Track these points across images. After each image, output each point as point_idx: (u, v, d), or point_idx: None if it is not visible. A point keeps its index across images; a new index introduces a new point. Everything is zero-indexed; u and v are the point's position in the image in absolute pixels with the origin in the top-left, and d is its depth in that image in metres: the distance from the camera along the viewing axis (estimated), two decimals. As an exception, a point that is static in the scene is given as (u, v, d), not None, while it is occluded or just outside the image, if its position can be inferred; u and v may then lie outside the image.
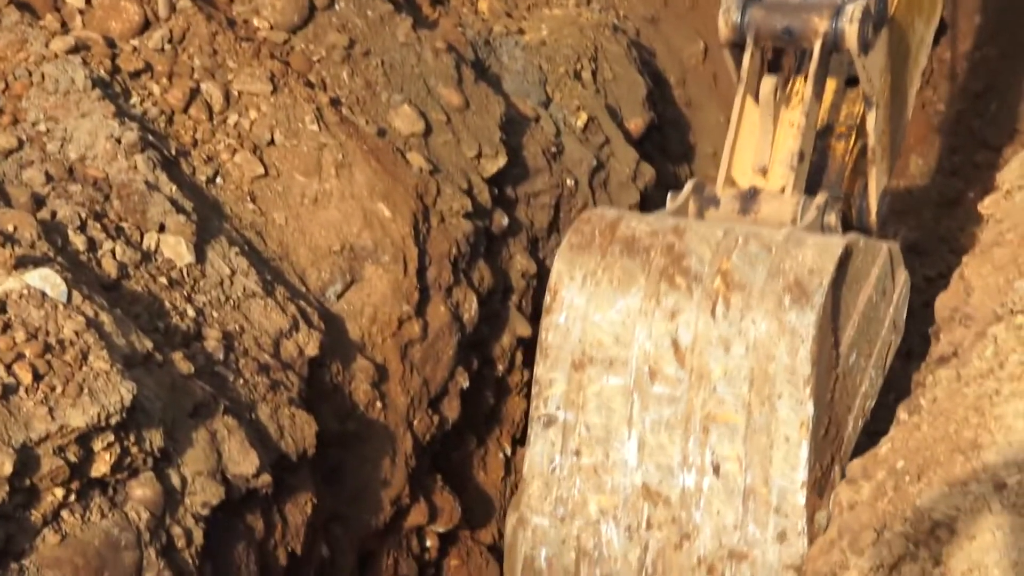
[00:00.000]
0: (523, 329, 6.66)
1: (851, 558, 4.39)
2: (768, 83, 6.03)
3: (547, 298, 5.60)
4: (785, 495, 5.28)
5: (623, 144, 7.32)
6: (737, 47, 6.11)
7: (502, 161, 6.46)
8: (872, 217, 6.59)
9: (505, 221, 6.56)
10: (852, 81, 6.34)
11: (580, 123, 7.07)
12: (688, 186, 6.12)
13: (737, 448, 5.33)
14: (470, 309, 6.16)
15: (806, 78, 6.08)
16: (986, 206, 6.46)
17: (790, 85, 6.30)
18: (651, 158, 7.50)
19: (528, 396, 6.87)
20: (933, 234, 10.56)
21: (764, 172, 6.12)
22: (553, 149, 6.90)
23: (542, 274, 6.77)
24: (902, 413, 5.41)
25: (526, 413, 6.88)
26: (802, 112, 6.06)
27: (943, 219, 10.80)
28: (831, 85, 6.38)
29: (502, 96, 6.69)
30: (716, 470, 5.34)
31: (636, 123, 7.49)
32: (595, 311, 5.49)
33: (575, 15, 7.54)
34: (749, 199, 6.05)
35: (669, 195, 6.20)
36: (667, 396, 5.40)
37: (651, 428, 5.41)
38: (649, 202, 7.36)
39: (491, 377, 6.59)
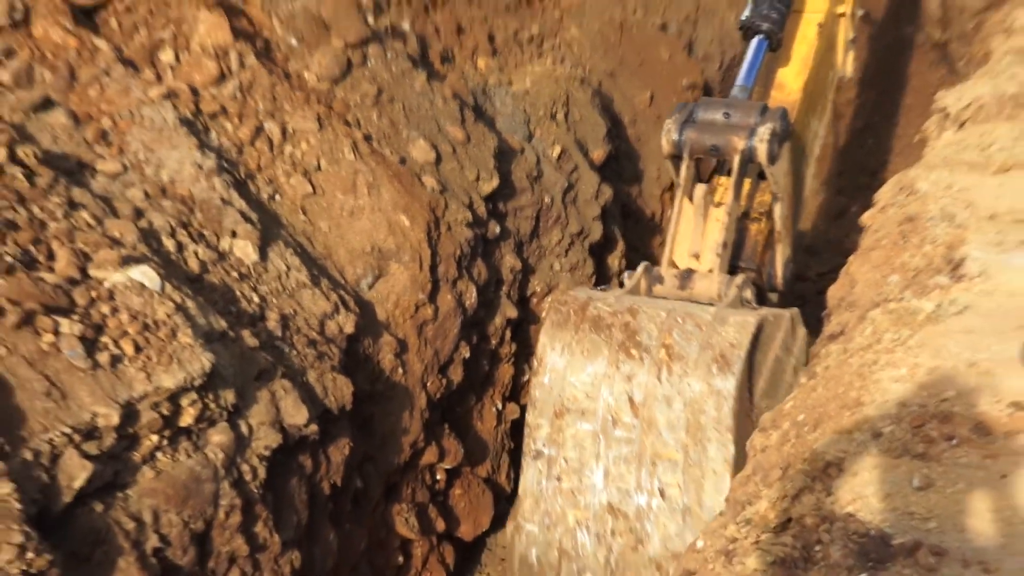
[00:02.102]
0: (511, 312, 6.65)
1: (762, 490, 4.39)
2: (700, 190, 6.20)
3: (535, 362, 5.86)
4: (713, 512, 5.33)
5: (588, 170, 7.31)
6: (676, 158, 6.21)
7: (495, 183, 6.46)
8: (779, 281, 6.82)
9: (498, 229, 6.56)
10: (763, 175, 6.38)
11: (555, 154, 7.06)
12: (640, 268, 6.20)
13: (677, 478, 5.54)
14: (471, 297, 6.16)
15: (729, 173, 6.23)
16: (865, 218, 6.46)
17: (715, 182, 6.40)
18: (609, 180, 7.50)
19: (515, 365, 6.89)
20: (824, 239, 10.58)
21: (697, 257, 6.27)
22: (534, 173, 6.89)
23: (526, 270, 6.79)
24: (802, 378, 5.42)
25: (514, 377, 6.91)
26: (725, 212, 6.20)
27: (832, 228, 10.83)
28: (747, 182, 6.45)
29: (495, 133, 6.68)
30: (662, 493, 5.56)
31: (598, 153, 7.47)
32: (571, 374, 5.70)
33: (552, 70, 7.52)
34: (686, 278, 6.17)
35: (627, 273, 6.31)
36: (625, 438, 5.62)
37: (613, 461, 5.64)
38: (608, 214, 7.37)
39: (486, 349, 6.59)
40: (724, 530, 4.28)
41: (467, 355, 6.23)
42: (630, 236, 7.85)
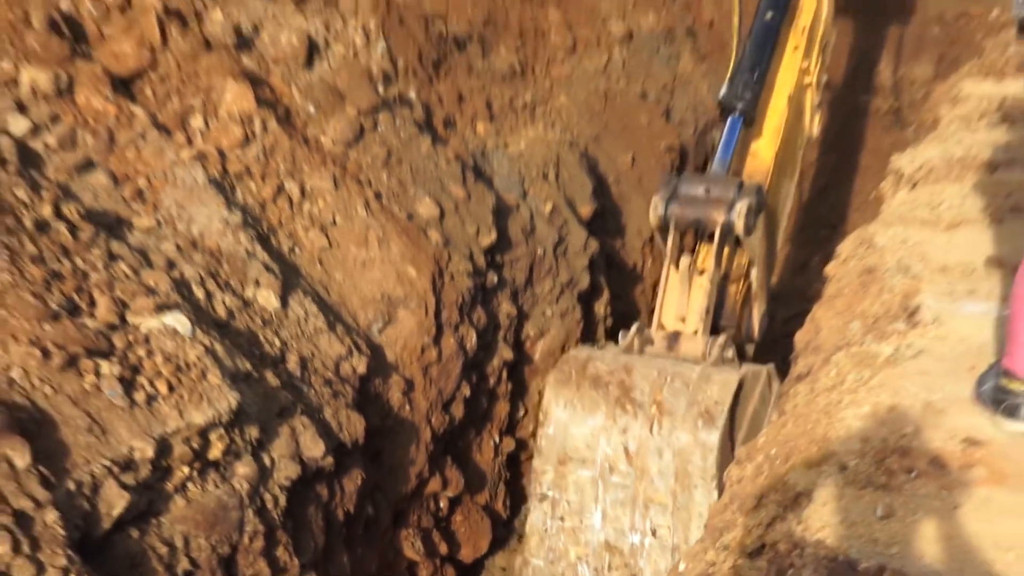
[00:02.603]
0: (507, 354, 6.66)
1: (739, 517, 4.39)
2: (685, 260, 6.31)
3: (541, 415, 5.99)
4: None
5: (576, 225, 7.33)
6: (663, 230, 6.30)
7: (493, 237, 6.48)
8: (756, 334, 6.91)
9: (495, 279, 6.57)
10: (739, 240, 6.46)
11: (547, 210, 7.09)
12: (633, 329, 6.29)
13: (667, 520, 5.66)
14: (471, 340, 6.17)
15: (711, 239, 6.30)
16: (829, 269, 6.49)
17: (699, 249, 6.48)
18: (596, 234, 7.52)
19: (511, 402, 6.90)
20: (791, 287, 10.60)
21: (683, 319, 6.35)
22: (528, 228, 6.92)
23: (521, 316, 6.80)
24: (774, 415, 5.44)
25: (510, 414, 6.91)
26: (708, 279, 6.30)
27: (797, 277, 10.86)
28: (727, 249, 6.53)
29: (493, 191, 6.71)
30: (654, 533, 5.68)
31: (585, 210, 7.50)
32: (573, 426, 5.83)
33: (543, 134, 7.57)
34: (673, 339, 6.25)
35: (620, 333, 6.39)
36: (621, 484, 5.74)
37: (611, 504, 5.75)
38: (595, 265, 7.40)
39: (485, 388, 6.58)
40: (704, 555, 4.29)
41: (468, 394, 6.23)
42: (614, 285, 7.87)
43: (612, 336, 7.46)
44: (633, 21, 9.48)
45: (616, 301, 7.92)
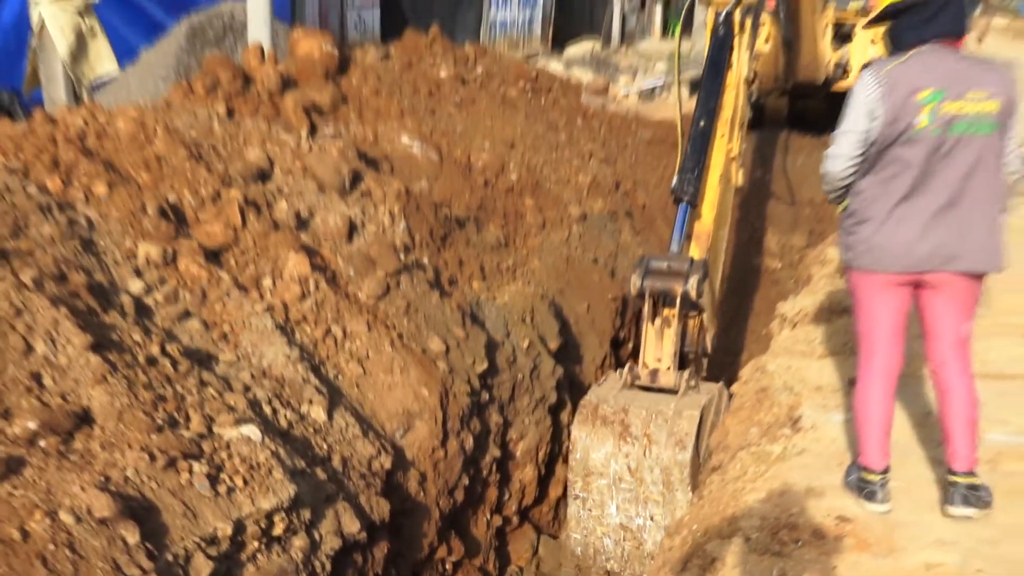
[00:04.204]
0: (496, 453, 6.58)
1: (671, 577, 4.38)
2: (658, 321, 6.49)
3: (570, 443, 6.31)
4: None
5: (547, 356, 7.36)
6: (640, 298, 6.45)
7: (485, 365, 6.48)
8: (709, 350, 7.06)
9: (487, 397, 6.55)
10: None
11: (525, 345, 7.12)
12: (626, 368, 6.54)
13: (659, 510, 6.01)
14: (469, 443, 6.14)
15: (673, 305, 6.45)
16: (734, 388, 6.55)
17: (664, 310, 6.57)
18: (561, 363, 7.53)
19: (499, 488, 6.84)
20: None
21: (659, 360, 6.50)
22: (511, 359, 6.94)
23: (506, 424, 6.77)
24: (695, 499, 5.42)
25: (498, 497, 6.85)
26: (674, 331, 6.46)
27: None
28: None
29: (485, 331, 6.74)
30: (652, 518, 6.03)
31: (553, 344, 7.53)
32: (592, 452, 6.11)
33: (522, 289, 7.65)
34: (654, 375, 6.45)
35: (616, 370, 6.77)
36: (627, 488, 6.05)
37: (621, 501, 6.08)
38: (560, 385, 7.41)
39: (479, 478, 6.52)
40: (645, 606, 4.26)
41: (466, 482, 6.18)
42: (575, 399, 7.86)
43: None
44: (587, 206, 9.66)
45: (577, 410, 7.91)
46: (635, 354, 6.92)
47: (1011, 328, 6.55)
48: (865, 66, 4.23)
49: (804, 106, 14.76)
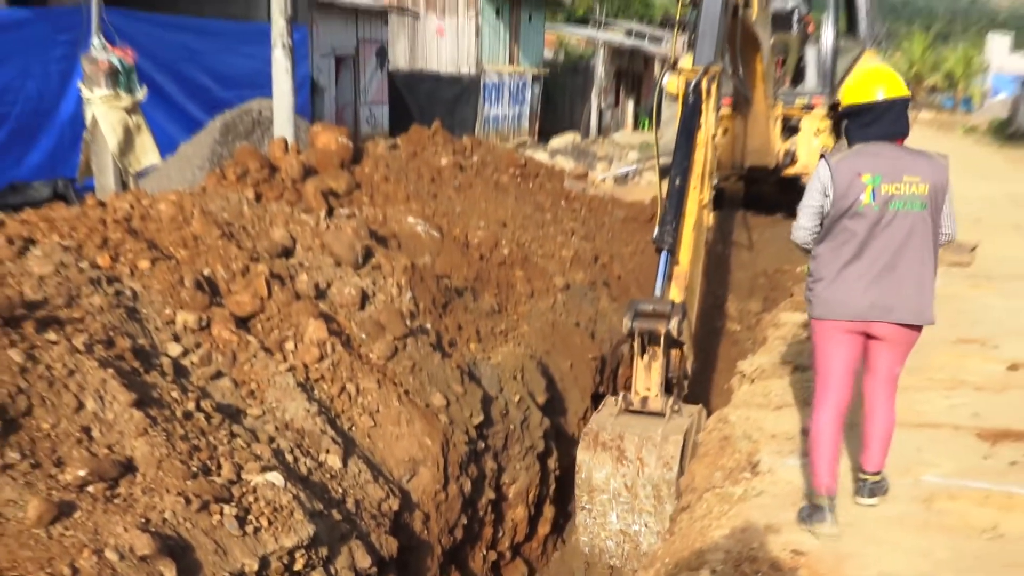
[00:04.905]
0: (491, 495, 6.53)
1: (647, 606, 4.35)
2: (646, 357, 6.51)
3: (577, 466, 6.32)
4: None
5: (535, 409, 7.35)
6: (631, 336, 6.46)
7: (481, 418, 6.47)
8: (688, 375, 6.96)
9: (483, 446, 6.53)
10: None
11: (516, 399, 7.12)
12: (620, 395, 6.58)
13: (652, 519, 6.07)
14: (467, 487, 6.10)
15: (658, 342, 6.48)
16: (699, 438, 6.56)
17: (651, 347, 6.59)
18: (548, 415, 7.51)
19: (493, 527, 6.78)
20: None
21: (648, 388, 6.52)
22: (504, 412, 6.93)
23: (500, 470, 6.73)
24: (666, 535, 5.40)
25: (492, 535, 6.79)
26: (659, 364, 6.49)
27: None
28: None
29: (481, 388, 6.74)
30: (646, 525, 6.08)
31: (541, 399, 7.51)
32: (595, 472, 6.20)
33: (513, 350, 7.66)
34: (644, 400, 6.49)
35: (612, 397, 6.76)
36: (625, 502, 6.14)
37: (620, 511, 6.15)
38: (547, 435, 7.39)
39: (476, 518, 6.46)
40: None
41: (465, 522, 6.13)
42: (560, 447, 7.84)
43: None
44: (570, 277, 9.75)
45: (563, 458, 7.88)
46: (627, 384, 6.96)
47: (939, 383, 6.61)
48: (822, 156, 4.54)
49: (759, 190, 14.98)
